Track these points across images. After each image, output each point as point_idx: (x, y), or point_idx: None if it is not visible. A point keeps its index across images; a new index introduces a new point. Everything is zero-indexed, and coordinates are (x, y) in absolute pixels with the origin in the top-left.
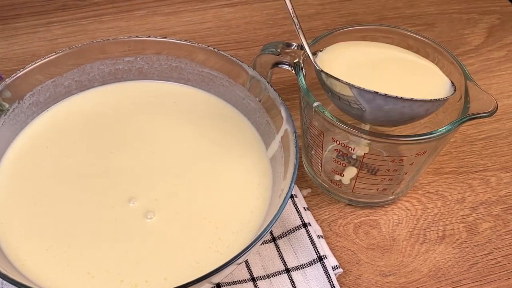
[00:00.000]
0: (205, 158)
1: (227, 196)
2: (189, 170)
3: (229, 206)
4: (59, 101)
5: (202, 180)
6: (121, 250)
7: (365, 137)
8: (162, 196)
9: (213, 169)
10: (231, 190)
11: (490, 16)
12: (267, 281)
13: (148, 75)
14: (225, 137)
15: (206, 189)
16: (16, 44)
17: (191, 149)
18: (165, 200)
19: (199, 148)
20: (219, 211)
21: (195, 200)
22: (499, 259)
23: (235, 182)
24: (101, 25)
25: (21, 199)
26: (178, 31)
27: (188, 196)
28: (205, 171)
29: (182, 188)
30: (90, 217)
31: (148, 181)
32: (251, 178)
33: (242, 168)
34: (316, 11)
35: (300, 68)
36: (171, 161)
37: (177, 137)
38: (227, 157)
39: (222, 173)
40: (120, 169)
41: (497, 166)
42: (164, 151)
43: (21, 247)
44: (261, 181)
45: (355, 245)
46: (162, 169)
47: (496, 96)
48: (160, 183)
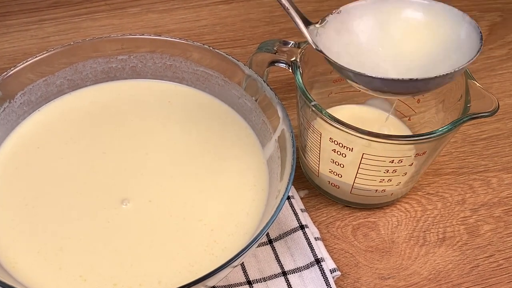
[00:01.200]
0: (200, 158)
1: (223, 198)
2: (183, 171)
3: (225, 208)
4: (51, 100)
5: (197, 181)
6: (114, 253)
7: (363, 137)
8: (155, 197)
9: (208, 170)
10: (226, 192)
11: (492, 13)
12: (264, 284)
13: (142, 74)
14: (221, 137)
15: (201, 191)
16: (7, 42)
17: (185, 149)
18: (158, 201)
19: (194, 148)
20: (214, 213)
21: (189, 201)
22: (501, 261)
23: (231, 183)
24: (94, 23)
25: (12, 200)
26: (173, 29)
27: (182, 198)
28: (199, 172)
29: (176, 190)
30: (82, 218)
31: (142, 182)
32: (246, 179)
33: (238, 169)
34: (313, 8)
35: (297, 67)
36: (165, 161)
37: (171, 137)
38: (223, 158)
39: (218, 174)
40: (113, 170)
41: (499, 167)
42: (158, 151)
43: (12, 249)
44: (257, 182)
45: (353, 248)
46: (156, 170)
47: (498, 95)
48: (154, 184)
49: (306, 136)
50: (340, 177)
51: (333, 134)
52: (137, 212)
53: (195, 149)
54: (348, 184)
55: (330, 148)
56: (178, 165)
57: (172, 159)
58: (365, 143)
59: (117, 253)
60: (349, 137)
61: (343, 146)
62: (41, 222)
